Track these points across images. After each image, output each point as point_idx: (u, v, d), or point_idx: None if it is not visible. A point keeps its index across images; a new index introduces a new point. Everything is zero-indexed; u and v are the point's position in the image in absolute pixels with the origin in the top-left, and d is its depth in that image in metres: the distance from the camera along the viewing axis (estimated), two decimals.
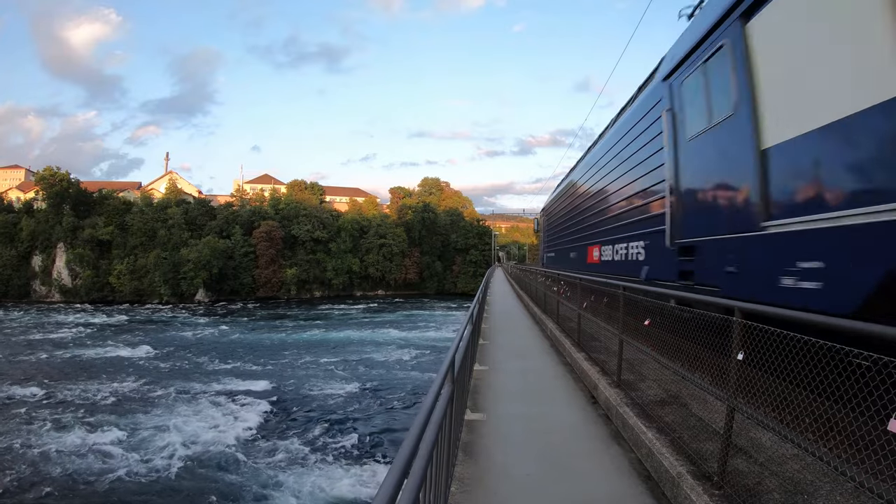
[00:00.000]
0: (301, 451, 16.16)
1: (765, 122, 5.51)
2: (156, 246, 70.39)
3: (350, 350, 33.74)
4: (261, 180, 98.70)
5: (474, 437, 5.17)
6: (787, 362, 2.95)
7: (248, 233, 75.55)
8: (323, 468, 14.92)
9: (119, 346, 35.08)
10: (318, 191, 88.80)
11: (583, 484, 4.19)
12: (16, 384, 23.67)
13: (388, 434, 17.56)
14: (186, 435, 17.14)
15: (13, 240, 70.98)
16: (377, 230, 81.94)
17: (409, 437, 1.78)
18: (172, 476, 14.34)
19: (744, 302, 3.66)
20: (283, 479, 14.08)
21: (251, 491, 13.45)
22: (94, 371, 27.16)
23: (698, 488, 3.40)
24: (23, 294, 69.70)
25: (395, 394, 22.76)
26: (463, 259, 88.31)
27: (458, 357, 3.72)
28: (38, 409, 20.17)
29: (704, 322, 4.17)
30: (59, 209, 70.72)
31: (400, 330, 43.33)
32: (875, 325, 2.37)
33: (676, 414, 4.88)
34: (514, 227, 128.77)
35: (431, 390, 2.49)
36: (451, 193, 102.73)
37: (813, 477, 3.18)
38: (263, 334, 41.93)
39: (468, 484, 4.08)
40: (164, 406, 20.61)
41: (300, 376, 26.33)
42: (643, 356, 6.16)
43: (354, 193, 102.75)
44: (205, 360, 30.57)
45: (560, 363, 9.13)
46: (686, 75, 7.68)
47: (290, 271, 75.18)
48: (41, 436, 17.14)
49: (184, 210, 75.26)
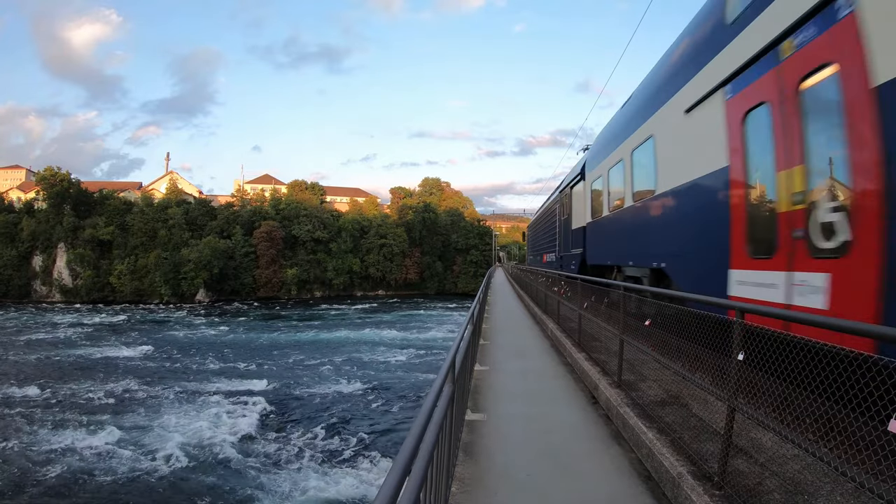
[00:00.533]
0: (301, 451, 16.17)
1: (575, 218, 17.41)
2: (156, 246, 70.47)
3: (350, 350, 33.76)
4: (261, 180, 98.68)
5: (475, 438, 5.17)
6: (787, 362, 2.95)
7: (249, 233, 75.59)
8: (324, 468, 14.93)
9: (119, 346, 35.15)
10: (319, 191, 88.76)
11: (583, 484, 4.19)
12: (15, 384, 23.70)
13: (388, 434, 17.57)
14: (186, 435, 17.15)
15: (14, 240, 71.05)
16: (378, 230, 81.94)
17: (409, 437, 1.79)
18: (172, 476, 14.35)
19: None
20: (284, 480, 14.09)
21: (251, 491, 13.46)
22: (93, 371, 27.18)
23: (699, 488, 3.40)
24: (23, 294, 69.81)
25: (395, 394, 22.76)
26: (463, 259, 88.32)
27: (458, 357, 3.73)
28: (37, 408, 20.19)
29: (704, 322, 4.18)
30: (60, 209, 70.77)
31: (400, 330, 43.34)
32: (875, 326, 2.37)
33: (677, 414, 4.88)
34: (515, 227, 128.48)
35: (432, 391, 2.49)
36: (451, 193, 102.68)
37: (813, 477, 3.18)
38: (264, 334, 41.96)
39: (469, 484, 4.09)
40: (163, 406, 20.62)
41: (300, 376, 26.35)
42: (644, 356, 6.16)
43: (355, 193, 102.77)
44: (205, 360, 30.58)
45: (561, 363, 9.13)
46: (569, 187, 18.47)
47: (290, 271, 75.21)
48: (40, 435, 17.16)
49: (184, 210, 75.30)
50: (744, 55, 5.76)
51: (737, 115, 6.01)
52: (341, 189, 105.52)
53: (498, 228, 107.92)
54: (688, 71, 7.50)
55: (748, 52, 5.66)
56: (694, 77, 7.22)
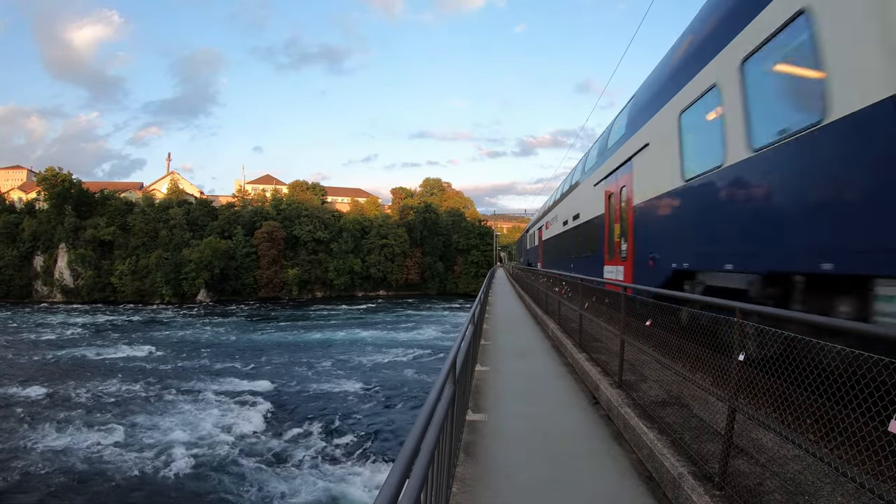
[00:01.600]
0: (302, 451, 16.18)
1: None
2: (157, 246, 70.53)
3: (351, 350, 33.79)
4: (263, 181, 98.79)
5: (476, 438, 5.17)
6: (788, 363, 2.95)
7: (250, 233, 75.64)
8: (324, 469, 14.94)
9: (120, 346, 35.19)
10: (320, 191, 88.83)
11: (584, 484, 4.19)
12: (17, 384, 23.74)
13: (389, 435, 17.58)
14: (188, 435, 17.17)
15: (15, 240, 71.18)
16: (379, 230, 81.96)
17: (410, 437, 1.79)
18: (174, 476, 14.37)
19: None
20: (285, 480, 14.11)
21: (252, 491, 13.48)
22: (95, 371, 27.22)
23: (699, 489, 3.40)
24: (24, 294, 69.93)
25: (396, 394, 22.78)
26: (464, 259, 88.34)
27: (459, 358, 3.72)
28: (38, 408, 20.23)
29: (705, 323, 4.19)
30: (61, 209, 70.83)
31: (401, 330, 43.37)
32: (875, 325, 2.37)
33: (678, 415, 4.88)
34: (516, 228, 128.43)
35: (433, 391, 2.49)
36: (452, 194, 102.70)
37: (814, 478, 3.18)
38: (265, 335, 41.98)
39: (469, 484, 4.09)
40: (165, 406, 20.65)
41: (301, 377, 26.36)
42: (645, 357, 6.16)
43: (356, 194, 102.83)
44: (206, 361, 30.62)
45: (561, 364, 9.13)
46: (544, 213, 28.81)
47: (291, 272, 75.24)
48: (42, 435, 17.19)
49: (185, 210, 75.37)
50: (609, 167, 12.64)
51: (605, 194, 13.09)
52: (342, 189, 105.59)
53: (499, 229, 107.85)
54: (593, 164, 15.01)
55: (611, 166, 12.44)
56: (591, 171, 15.11)
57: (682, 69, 8.06)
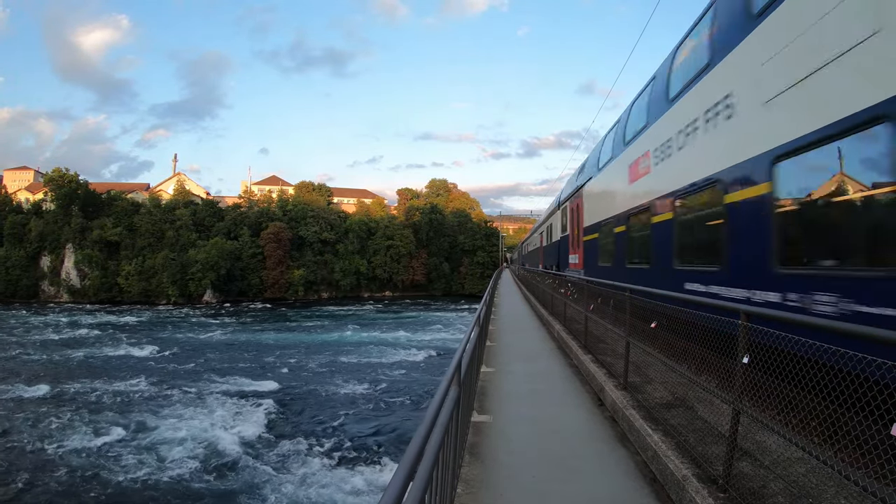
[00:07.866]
0: (308, 452, 16.24)
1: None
2: (164, 247, 70.93)
3: (357, 351, 33.86)
4: (269, 182, 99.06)
5: (480, 439, 5.19)
6: (792, 366, 2.96)
7: (256, 234, 75.95)
8: (329, 469, 14.99)
9: (127, 346, 35.45)
10: (326, 192, 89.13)
11: (588, 486, 4.20)
12: (23, 383, 23.96)
13: (394, 435, 17.60)
14: (193, 435, 17.26)
15: (22, 240, 71.79)
16: (384, 231, 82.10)
17: (415, 438, 1.80)
18: (179, 476, 14.45)
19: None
20: (290, 480, 14.16)
21: (257, 491, 13.54)
22: (101, 371, 27.43)
23: (703, 491, 3.40)
24: (31, 294, 70.48)
25: (402, 395, 22.82)
26: (470, 260, 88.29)
27: (464, 359, 3.73)
28: (45, 408, 20.40)
29: (709, 325, 4.19)
30: (68, 210, 71.42)
31: (407, 331, 43.43)
32: (877, 329, 2.38)
33: (682, 417, 4.87)
34: (522, 229, 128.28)
35: (438, 392, 2.51)
36: (458, 195, 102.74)
37: (818, 480, 3.18)
38: (271, 335, 42.14)
39: (474, 485, 4.10)
40: (171, 406, 20.77)
41: (307, 377, 26.46)
42: (650, 358, 6.15)
43: (362, 195, 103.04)
44: (212, 361, 30.79)
45: (567, 365, 9.12)
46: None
47: (297, 272, 75.47)
48: (48, 435, 17.34)
49: (192, 211, 75.78)
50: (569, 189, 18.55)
51: (565, 209, 19.00)
52: (348, 190, 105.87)
53: (505, 230, 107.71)
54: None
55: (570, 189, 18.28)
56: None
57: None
